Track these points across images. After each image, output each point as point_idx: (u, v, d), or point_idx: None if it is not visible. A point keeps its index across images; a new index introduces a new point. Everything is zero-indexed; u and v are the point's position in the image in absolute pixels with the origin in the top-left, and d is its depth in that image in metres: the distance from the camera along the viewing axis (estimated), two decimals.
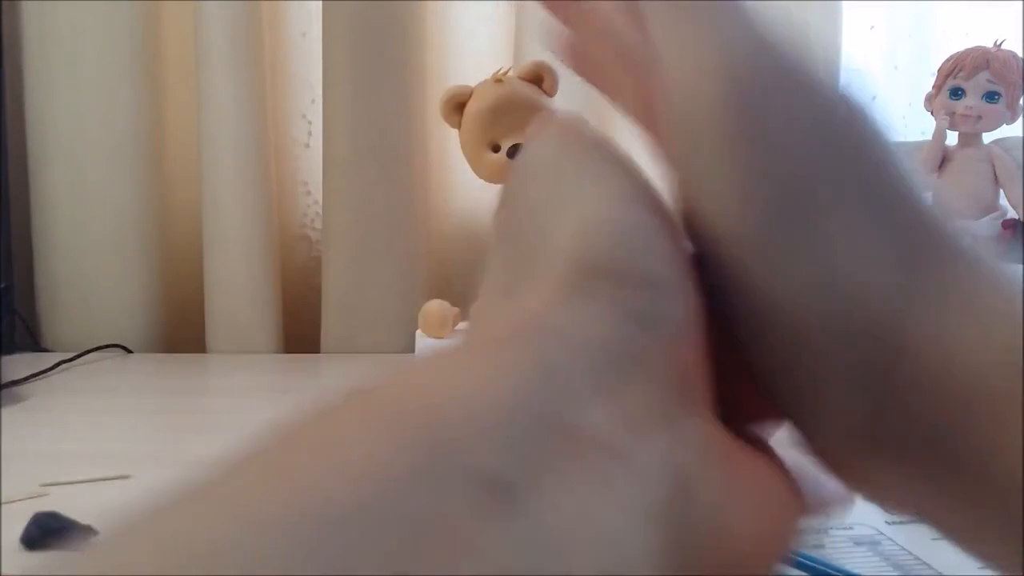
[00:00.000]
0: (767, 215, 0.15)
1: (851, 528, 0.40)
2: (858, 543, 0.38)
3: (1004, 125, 0.73)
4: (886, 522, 0.41)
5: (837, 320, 0.15)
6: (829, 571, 0.34)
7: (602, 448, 0.12)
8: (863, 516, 0.42)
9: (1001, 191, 0.72)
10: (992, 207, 0.72)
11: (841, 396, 0.15)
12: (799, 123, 0.15)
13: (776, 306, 0.15)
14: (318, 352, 0.94)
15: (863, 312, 0.15)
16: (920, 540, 0.39)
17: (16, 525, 0.38)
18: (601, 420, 0.12)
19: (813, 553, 0.36)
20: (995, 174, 0.72)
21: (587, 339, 0.13)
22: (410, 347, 0.49)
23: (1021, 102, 0.72)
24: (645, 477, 0.12)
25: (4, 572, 0.36)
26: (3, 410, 0.64)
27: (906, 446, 0.15)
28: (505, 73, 0.49)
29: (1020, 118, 0.73)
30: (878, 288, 0.15)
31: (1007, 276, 0.16)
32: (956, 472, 0.15)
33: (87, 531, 0.38)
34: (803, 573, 0.34)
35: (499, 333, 0.13)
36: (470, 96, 0.49)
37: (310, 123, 1.00)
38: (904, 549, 0.38)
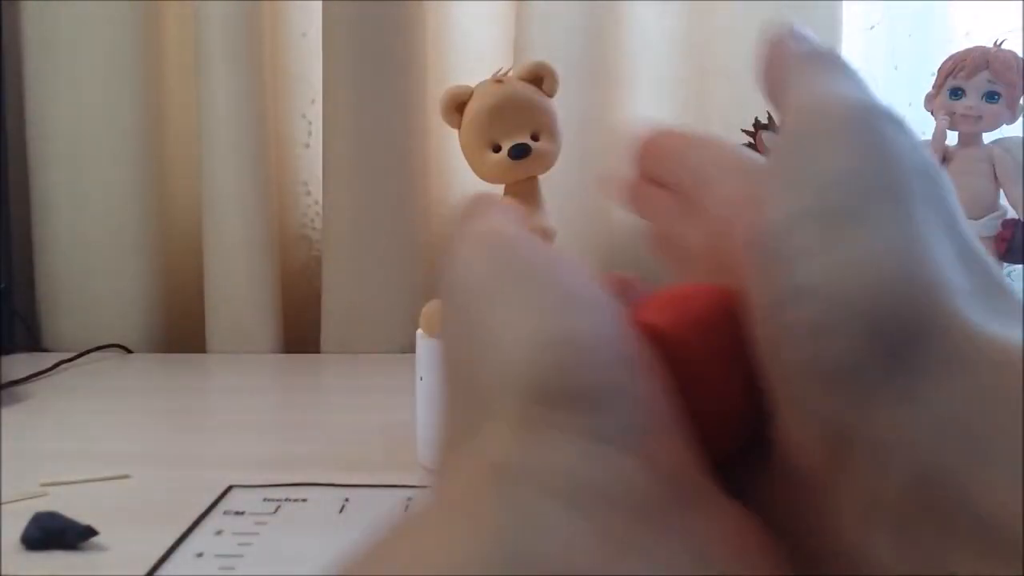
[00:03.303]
0: None
1: None
2: None
3: (1004, 125, 0.73)
4: None
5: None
6: None
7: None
8: None
9: (1001, 191, 0.72)
10: (992, 207, 0.72)
11: None
12: None
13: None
14: (318, 352, 0.94)
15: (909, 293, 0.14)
16: None
17: (16, 525, 0.38)
18: (589, 550, 0.12)
19: None
20: (995, 174, 0.72)
21: (558, 475, 0.13)
22: (410, 347, 0.49)
23: (1021, 102, 0.72)
24: None
25: (4, 572, 0.36)
26: (3, 410, 0.64)
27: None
28: (505, 73, 0.49)
29: (1020, 118, 0.73)
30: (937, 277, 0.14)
31: None
32: None
33: (87, 531, 0.38)
34: None
35: (468, 488, 0.13)
36: (470, 96, 0.49)
37: (310, 123, 1.00)
38: None
